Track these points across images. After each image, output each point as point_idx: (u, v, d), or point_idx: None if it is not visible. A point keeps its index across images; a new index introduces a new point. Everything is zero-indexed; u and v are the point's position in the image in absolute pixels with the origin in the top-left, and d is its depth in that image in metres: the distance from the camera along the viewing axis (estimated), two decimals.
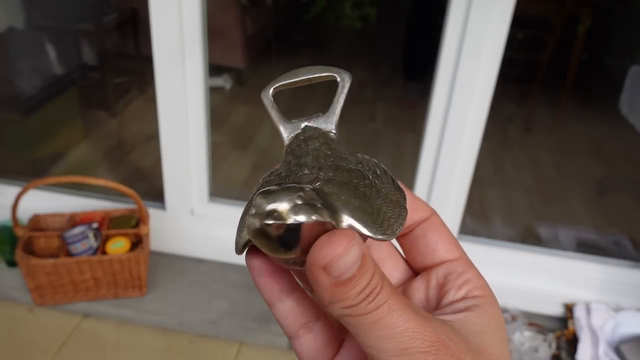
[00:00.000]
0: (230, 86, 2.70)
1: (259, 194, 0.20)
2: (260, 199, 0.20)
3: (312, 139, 0.26)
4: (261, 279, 0.24)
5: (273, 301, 0.25)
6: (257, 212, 0.20)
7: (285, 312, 0.25)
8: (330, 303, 0.21)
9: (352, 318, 0.21)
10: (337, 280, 0.20)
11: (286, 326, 0.25)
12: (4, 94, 1.94)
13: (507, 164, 2.19)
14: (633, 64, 1.94)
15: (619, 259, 1.48)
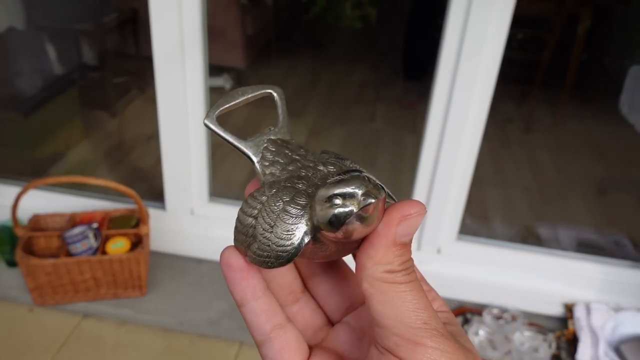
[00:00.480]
0: (230, 86, 2.69)
1: (333, 184, 0.23)
2: (346, 187, 0.22)
3: (286, 147, 0.27)
4: (237, 275, 0.25)
5: (247, 299, 0.25)
6: (346, 198, 0.22)
7: (259, 311, 0.25)
8: (377, 263, 0.23)
9: (387, 285, 0.23)
10: (399, 239, 0.23)
11: (259, 326, 0.25)
12: (4, 94, 1.94)
13: (507, 164, 2.19)
14: (633, 64, 1.94)
15: (619, 259, 1.48)
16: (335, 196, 0.23)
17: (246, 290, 0.25)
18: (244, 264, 0.25)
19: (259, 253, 0.24)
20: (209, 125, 0.26)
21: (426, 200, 1.39)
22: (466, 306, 1.45)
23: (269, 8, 3.13)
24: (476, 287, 1.45)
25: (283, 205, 0.24)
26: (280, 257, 0.24)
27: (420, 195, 1.39)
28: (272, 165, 0.26)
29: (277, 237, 0.24)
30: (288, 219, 0.24)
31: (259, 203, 0.25)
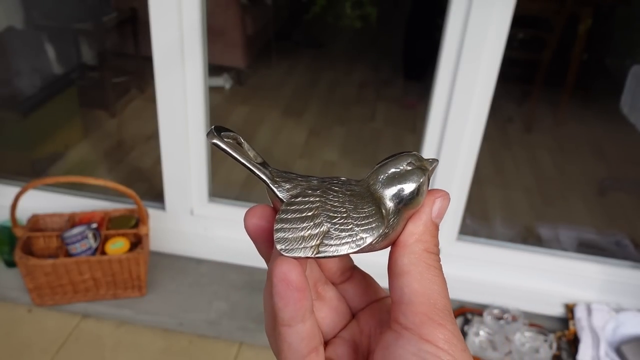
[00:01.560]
0: (230, 86, 2.69)
1: (402, 156, 0.26)
2: (412, 158, 0.26)
3: (288, 172, 0.27)
4: (295, 295, 0.23)
5: (297, 321, 0.23)
6: (418, 164, 0.26)
7: (304, 334, 0.24)
8: (418, 240, 0.26)
9: (425, 265, 0.25)
10: (435, 219, 0.27)
11: (299, 349, 0.24)
12: (3, 93, 1.93)
13: (508, 164, 2.19)
14: (634, 64, 1.93)
15: (619, 259, 1.47)
16: (408, 164, 0.26)
17: (299, 311, 0.23)
18: (305, 282, 0.23)
19: (336, 242, 0.24)
20: (218, 143, 0.25)
21: None
22: (466, 306, 1.45)
23: (269, 7, 3.13)
24: (477, 288, 1.45)
25: (345, 193, 0.25)
26: (364, 237, 0.24)
27: None
28: (291, 181, 0.26)
29: (358, 217, 0.25)
30: (360, 201, 0.25)
31: (311, 203, 0.25)
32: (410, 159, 0.26)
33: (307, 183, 0.26)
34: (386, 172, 0.26)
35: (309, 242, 0.24)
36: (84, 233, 1.35)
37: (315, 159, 2.25)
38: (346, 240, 0.24)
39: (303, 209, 0.25)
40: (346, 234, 0.24)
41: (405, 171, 0.26)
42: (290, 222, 0.24)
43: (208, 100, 1.37)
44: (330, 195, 0.25)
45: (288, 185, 0.26)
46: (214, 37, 2.29)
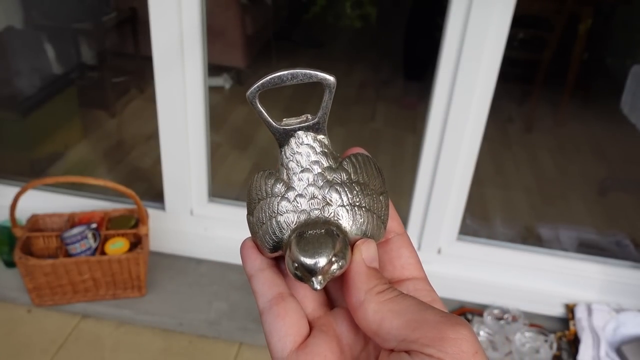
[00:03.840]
0: (230, 86, 2.69)
1: (301, 247, 0.26)
2: (307, 259, 0.26)
3: (308, 146, 0.28)
4: (250, 251, 0.29)
5: (255, 269, 0.28)
6: (307, 271, 0.26)
7: (264, 279, 0.28)
8: (367, 291, 0.26)
9: (389, 299, 0.25)
10: (370, 264, 0.27)
11: (263, 293, 0.28)
12: (2, 93, 1.93)
13: (508, 164, 2.19)
14: (634, 64, 1.93)
15: (620, 259, 1.47)
16: (299, 265, 0.26)
17: (255, 262, 0.28)
18: (254, 243, 0.29)
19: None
20: (253, 102, 0.28)
21: (426, 200, 1.39)
22: (467, 307, 1.45)
23: (269, 7, 3.13)
24: (477, 288, 1.45)
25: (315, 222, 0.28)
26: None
27: (421, 195, 1.38)
28: (291, 161, 0.28)
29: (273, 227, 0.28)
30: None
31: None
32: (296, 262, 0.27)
33: (306, 180, 0.28)
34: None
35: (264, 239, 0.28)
36: (84, 233, 1.35)
37: None
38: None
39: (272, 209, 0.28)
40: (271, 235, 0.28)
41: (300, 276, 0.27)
42: (262, 212, 0.29)
43: (208, 100, 1.37)
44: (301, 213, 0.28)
45: (299, 170, 0.28)
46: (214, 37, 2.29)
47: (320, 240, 0.26)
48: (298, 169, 0.28)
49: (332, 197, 0.27)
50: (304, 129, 0.29)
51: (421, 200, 1.39)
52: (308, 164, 0.28)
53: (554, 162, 2.23)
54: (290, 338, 0.26)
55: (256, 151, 2.27)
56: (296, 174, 0.28)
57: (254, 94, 0.28)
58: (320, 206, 0.27)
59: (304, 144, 0.28)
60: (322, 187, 0.28)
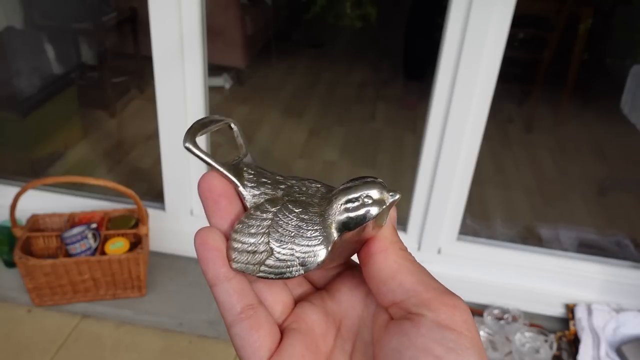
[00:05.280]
0: (230, 86, 2.69)
1: (357, 187, 0.25)
2: (375, 189, 0.25)
3: (262, 171, 0.28)
4: (212, 254, 0.25)
5: (220, 279, 0.25)
6: (377, 198, 0.25)
7: (232, 291, 0.25)
8: (392, 242, 0.26)
9: (409, 260, 0.26)
10: (393, 223, 0.27)
11: (231, 306, 0.25)
12: (2, 93, 1.93)
13: (508, 164, 2.19)
14: (634, 64, 1.93)
15: (620, 259, 1.47)
16: (367, 197, 0.25)
17: (220, 269, 0.25)
18: (220, 243, 0.26)
19: (277, 265, 0.25)
20: (191, 148, 0.26)
21: (426, 200, 1.39)
22: None
23: (269, 7, 3.13)
24: (477, 288, 1.44)
25: (298, 214, 0.26)
26: (306, 262, 0.25)
27: (421, 195, 1.38)
28: (259, 187, 0.27)
29: (301, 244, 0.25)
30: (308, 226, 0.25)
31: (264, 220, 0.26)
32: (370, 190, 0.25)
33: (273, 191, 0.27)
34: (343, 200, 0.25)
35: (254, 259, 0.25)
36: (84, 233, 1.35)
37: (315, 159, 2.25)
38: (287, 264, 0.25)
39: (256, 224, 0.26)
40: (287, 258, 0.25)
41: (360, 205, 0.25)
42: (243, 235, 0.26)
43: (208, 100, 1.37)
44: (282, 215, 0.26)
45: (256, 192, 0.27)
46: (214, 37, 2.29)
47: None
48: (271, 188, 0.28)
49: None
50: (246, 162, 0.29)
51: (421, 200, 1.39)
52: (274, 180, 0.28)
53: (554, 162, 2.22)
54: (265, 349, 0.25)
55: (256, 151, 2.27)
56: (273, 190, 0.28)
57: (193, 141, 0.27)
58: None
59: (256, 172, 0.28)
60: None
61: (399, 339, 0.23)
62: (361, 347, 0.26)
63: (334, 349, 0.27)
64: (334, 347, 0.27)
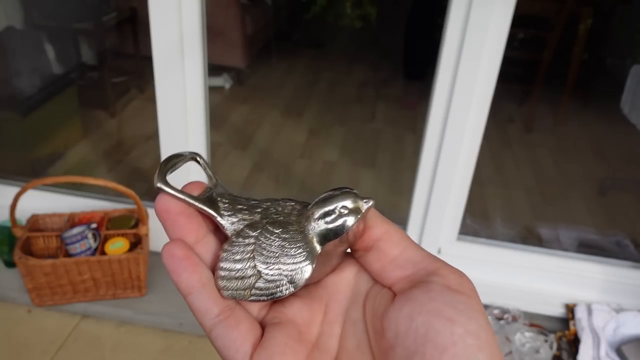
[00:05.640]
0: (230, 86, 2.69)
1: (331, 199, 0.26)
2: (348, 199, 0.26)
3: (235, 198, 0.29)
4: (182, 263, 0.25)
5: (194, 287, 0.25)
6: (348, 208, 0.26)
7: (207, 296, 0.25)
8: (389, 224, 0.27)
9: (405, 237, 0.26)
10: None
11: (207, 311, 0.25)
12: (2, 93, 1.93)
13: (508, 164, 2.19)
14: (634, 64, 1.93)
15: (620, 259, 1.47)
16: (342, 208, 0.26)
17: (194, 276, 0.25)
18: (187, 252, 0.26)
19: (267, 286, 0.26)
20: (163, 188, 0.27)
21: (426, 200, 1.39)
22: None
23: (269, 7, 3.13)
24: (477, 288, 1.44)
25: (279, 235, 0.26)
26: (294, 279, 0.25)
27: (421, 195, 1.38)
28: (236, 214, 0.28)
29: (287, 262, 0.26)
30: (290, 244, 0.26)
31: (247, 245, 0.26)
32: (344, 201, 0.26)
33: (250, 216, 0.28)
34: (319, 212, 0.26)
35: (244, 284, 0.26)
36: (84, 233, 1.35)
37: (315, 159, 2.25)
38: (277, 284, 0.26)
39: (240, 251, 0.26)
40: (277, 277, 0.26)
41: (337, 216, 0.26)
42: (229, 262, 0.26)
43: (208, 100, 1.37)
44: (264, 237, 0.26)
45: (234, 219, 0.28)
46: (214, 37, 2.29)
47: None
48: (248, 213, 0.28)
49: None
50: (220, 192, 0.29)
51: (421, 200, 1.39)
52: (249, 205, 0.29)
53: (554, 162, 2.23)
54: (247, 344, 0.25)
55: (256, 151, 2.27)
56: (251, 214, 0.28)
57: (164, 181, 0.27)
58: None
59: (230, 200, 0.29)
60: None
61: (410, 306, 0.23)
62: (351, 328, 0.26)
63: (321, 335, 0.27)
64: (321, 333, 0.27)
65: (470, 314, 0.23)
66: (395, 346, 0.23)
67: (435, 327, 0.22)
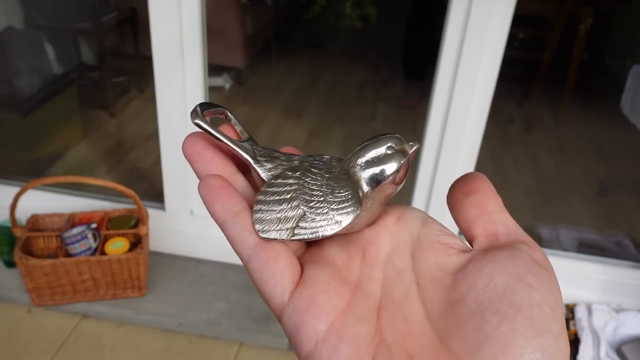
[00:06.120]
0: (230, 86, 2.69)
1: (383, 138, 0.26)
2: (394, 140, 0.26)
3: (269, 149, 0.28)
4: (218, 192, 0.25)
5: (229, 214, 0.25)
6: (396, 148, 0.26)
7: (242, 225, 0.25)
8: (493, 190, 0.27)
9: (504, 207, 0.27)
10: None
11: (244, 240, 0.25)
12: (2, 93, 1.93)
13: (508, 164, 2.19)
14: (634, 64, 1.93)
15: (620, 259, 1.47)
16: (388, 148, 0.26)
17: (228, 204, 0.25)
18: (221, 180, 0.25)
19: (311, 226, 0.25)
20: (200, 123, 0.26)
21: (426, 200, 1.39)
22: None
23: (269, 7, 3.13)
24: None
25: (323, 175, 0.26)
26: (340, 220, 0.24)
27: (421, 195, 1.38)
28: (272, 161, 0.27)
29: (333, 201, 0.25)
30: (335, 184, 0.25)
31: (289, 185, 0.25)
32: (390, 142, 0.26)
33: (288, 163, 0.27)
34: (365, 155, 0.26)
35: (285, 225, 0.24)
36: (84, 233, 1.35)
37: None
38: (321, 224, 0.25)
39: (281, 191, 0.25)
40: (322, 217, 0.25)
41: (385, 155, 0.26)
42: (268, 204, 0.25)
43: (208, 100, 1.37)
44: (308, 178, 0.26)
45: (270, 165, 0.26)
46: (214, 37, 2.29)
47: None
48: (286, 159, 0.28)
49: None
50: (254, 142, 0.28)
51: (421, 200, 1.39)
52: (284, 155, 0.28)
53: (554, 162, 2.22)
54: (287, 279, 0.24)
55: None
56: (288, 162, 0.28)
57: (199, 117, 0.26)
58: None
59: (265, 150, 0.28)
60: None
61: (492, 266, 0.23)
62: (395, 276, 0.25)
63: (362, 277, 0.25)
64: (361, 276, 0.26)
65: (551, 287, 0.22)
66: (466, 299, 0.22)
67: (514, 289, 0.21)
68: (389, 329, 0.23)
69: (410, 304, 0.24)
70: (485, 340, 0.21)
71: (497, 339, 0.20)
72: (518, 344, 0.20)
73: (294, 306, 0.23)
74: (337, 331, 0.23)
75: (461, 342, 0.21)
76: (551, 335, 0.20)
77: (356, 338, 0.23)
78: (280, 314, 0.24)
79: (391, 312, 0.24)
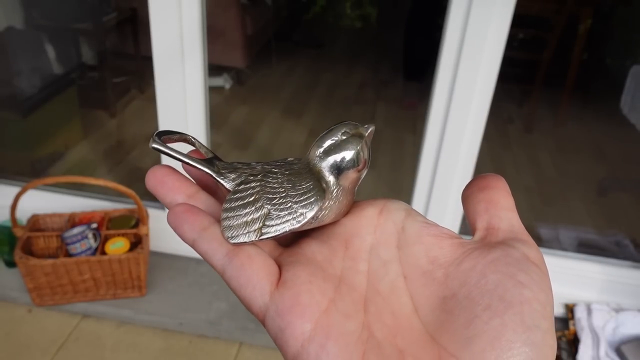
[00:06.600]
0: (230, 86, 2.69)
1: (337, 125, 0.26)
2: (348, 126, 0.26)
3: (230, 162, 0.29)
4: (184, 216, 0.26)
5: (197, 233, 0.26)
6: (353, 132, 0.26)
7: (212, 237, 0.25)
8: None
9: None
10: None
11: (215, 251, 0.25)
12: (3, 93, 1.93)
13: (508, 164, 2.19)
14: (634, 64, 1.93)
15: (619, 259, 1.47)
16: (343, 134, 0.26)
17: (195, 223, 0.26)
18: (187, 206, 0.26)
19: (278, 222, 0.25)
20: (158, 147, 0.27)
21: (426, 201, 1.39)
22: None
23: (269, 8, 3.13)
24: None
25: (283, 173, 0.26)
26: (304, 212, 0.25)
27: (420, 195, 1.38)
28: (235, 171, 0.27)
29: (296, 195, 0.25)
30: (298, 179, 0.26)
31: (252, 189, 0.26)
32: (344, 128, 0.26)
33: (250, 170, 0.27)
34: (322, 145, 0.26)
35: (252, 227, 0.25)
36: (84, 233, 1.35)
37: None
38: (287, 219, 0.25)
39: (245, 195, 0.26)
40: (286, 212, 0.25)
41: (341, 141, 0.25)
42: (234, 210, 0.25)
43: (208, 100, 1.37)
44: (269, 178, 0.26)
45: (233, 175, 0.27)
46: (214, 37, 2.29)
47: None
48: (248, 168, 0.28)
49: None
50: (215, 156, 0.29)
51: (421, 200, 1.39)
52: (245, 164, 0.29)
53: (554, 162, 2.23)
54: (265, 281, 0.24)
55: (256, 151, 2.27)
56: (250, 169, 0.28)
57: (157, 140, 0.27)
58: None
59: (226, 162, 0.28)
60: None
61: (484, 264, 0.23)
62: (381, 268, 0.25)
63: (345, 270, 0.25)
64: (345, 269, 0.25)
65: (542, 286, 0.22)
66: (457, 295, 0.22)
67: (506, 285, 0.22)
68: (378, 324, 0.23)
69: (398, 297, 0.24)
70: (476, 334, 0.21)
71: (487, 334, 0.20)
72: (507, 338, 0.20)
73: (276, 307, 0.23)
74: (323, 329, 0.22)
75: (452, 337, 0.21)
76: (540, 331, 0.21)
77: (344, 335, 0.22)
78: (263, 317, 0.23)
79: (379, 306, 0.24)
